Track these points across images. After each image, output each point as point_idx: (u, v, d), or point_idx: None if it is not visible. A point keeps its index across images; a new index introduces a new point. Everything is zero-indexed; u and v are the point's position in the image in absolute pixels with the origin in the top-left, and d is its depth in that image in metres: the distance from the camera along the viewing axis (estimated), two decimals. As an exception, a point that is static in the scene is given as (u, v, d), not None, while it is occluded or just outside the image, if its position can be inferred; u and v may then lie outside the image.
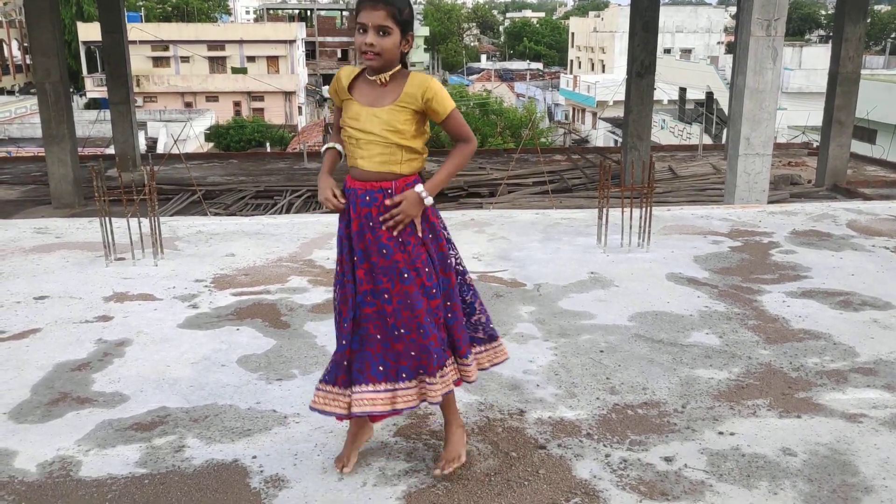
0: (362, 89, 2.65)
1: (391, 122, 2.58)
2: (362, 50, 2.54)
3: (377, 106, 2.60)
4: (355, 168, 2.65)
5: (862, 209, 7.11)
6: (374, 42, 2.52)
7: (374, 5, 2.50)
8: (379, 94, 2.62)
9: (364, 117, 2.60)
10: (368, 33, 2.52)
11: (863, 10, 14.72)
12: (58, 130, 13.73)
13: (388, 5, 2.50)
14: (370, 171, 2.62)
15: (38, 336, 4.17)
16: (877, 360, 3.82)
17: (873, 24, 65.62)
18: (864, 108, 20.09)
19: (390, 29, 2.52)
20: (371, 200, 2.62)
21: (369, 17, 2.51)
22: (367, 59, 2.55)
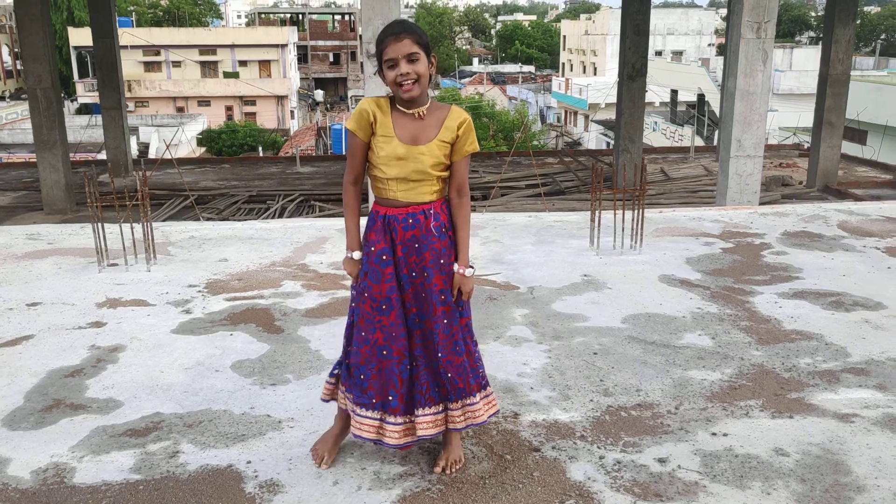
0: (403, 126, 2.65)
1: (436, 156, 2.64)
2: (398, 82, 2.56)
3: (421, 143, 2.64)
4: (391, 200, 2.68)
5: (853, 210, 7.15)
6: (409, 70, 2.56)
7: (398, 37, 2.55)
8: (419, 129, 2.64)
9: (411, 155, 2.63)
10: (400, 65, 2.55)
11: (852, 12, 14.80)
12: (49, 136, 13.70)
13: (411, 33, 2.56)
14: (410, 202, 2.67)
15: (31, 343, 4.16)
16: (868, 360, 3.84)
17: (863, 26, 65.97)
18: (855, 110, 20.20)
19: (418, 55, 2.57)
20: (414, 223, 2.67)
21: (397, 50, 2.55)
22: (405, 90, 2.57)
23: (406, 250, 2.68)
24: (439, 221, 2.70)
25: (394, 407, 2.73)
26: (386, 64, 2.58)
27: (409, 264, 2.69)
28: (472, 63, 76.81)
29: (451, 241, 2.74)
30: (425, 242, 2.68)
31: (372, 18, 8.85)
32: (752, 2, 9.35)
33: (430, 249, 2.68)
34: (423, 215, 2.68)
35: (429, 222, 2.68)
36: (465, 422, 2.79)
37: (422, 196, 2.67)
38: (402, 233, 2.67)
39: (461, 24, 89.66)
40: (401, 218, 2.67)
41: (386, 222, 2.69)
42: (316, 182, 16.12)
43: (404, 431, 2.76)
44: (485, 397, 2.82)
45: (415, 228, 2.67)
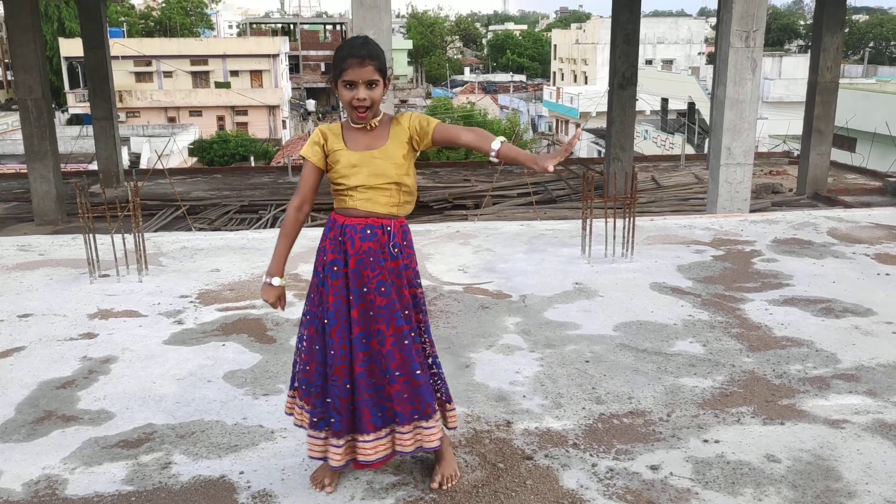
0: (354, 138, 2.67)
1: (392, 156, 2.63)
2: (354, 105, 2.59)
3: (375, 148, 2.65)
4: (350, 209, 2.65)
5: (842, 217, 7.19)
6: (366, 96, 2.58)
7: (362, 62, 2.55)
8: (371, 139, 2.66)
9: (364, 160, 2.63)
10: (359, 89, 2.57)
11: (840, 21, 14.93)
12: (40, 147, 13.67)
13: (375, 59, 2.57)
14: (369, 212, 2.64)
15: (23, 354, 4.15)
16: (858, 366, 3.86)
17: (851, 34, 66.45)
18: (844, 117, 20.33)
19: (377, 81, 2.59)
20: (371, 235, 2.62)
21: (359, 74, 2.56)
22: (359, 113, 2.60)
23: (360, 262, 2.61)
24: (394, 241, 2.65)
25: (336, 429, 2.66)
26: (343, 84, 2.59)
27: (361, 278, 2.61)
28: (463, 72, 77.02)
29: (404, 265, 2.67)
30: (381, 256, 2.62)
31: (363, 29, 8.88)
32: (740, 11, 9.44)
33: (384, 266, 2.63)
34: (381, 230, 2.63)
35: (385, 238, 2.63)
36: (415, 444, 2.71)
37: (381, 207, 2.63)
38: (359, 243, 2.61)
39: (452, 33, 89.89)
40: (358, 228, 2.62)
41: (342, 232, 2.64)
42: (308, 192, 16.08)
43: (345, 452, 2.68)
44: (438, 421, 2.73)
45: (371, 241, 2.62)
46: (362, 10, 8.88)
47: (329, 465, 2.74)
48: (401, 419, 2.67)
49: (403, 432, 2.69)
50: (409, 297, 2.69)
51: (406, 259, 2.70)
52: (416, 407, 2.67)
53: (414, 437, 2.70)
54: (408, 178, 2.67)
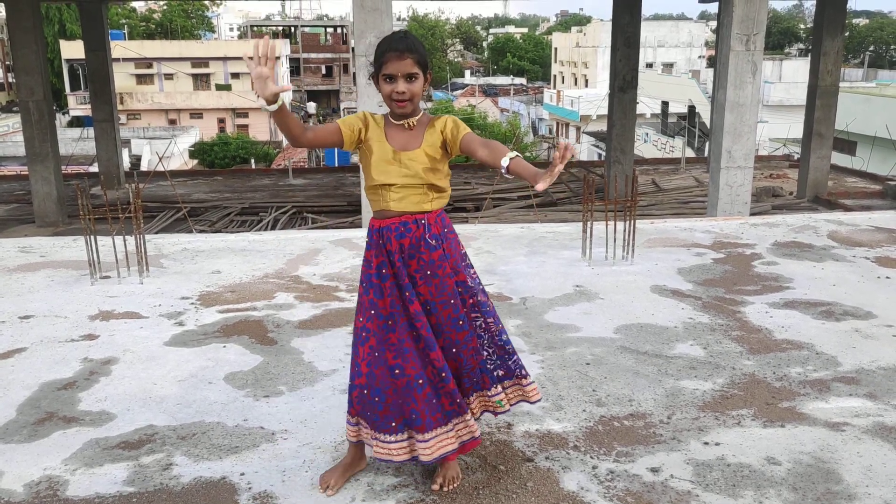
0: (393, 135, 2.70)
1: (426, 161, 2.66)
2: (394, 98, 2.62)
3: (410, 149, 2.67)
4: (385, 210, 2.70)
5: (843, 220, 7.20)
6: (406, 89, 2.60)
7: (401, 55, 2.58)
8: (408, 139, 2.69)
9: (398, 159, 2.66)
10: (398, 82, 2.60)
11: (840, 24, 14.95)
12: (41, 148, 13.69)
13: (414, 53, 2.60)
14: (402, 211, 2.68)
15: (24, 355, 4.15)
16: (859, 369, 3.86)
17: (851, 38, 66.52)
18: (844, 121, 20.35)
19: (417, 75, 2.62)
20: (405, 231, 2.67)
21: (398, 67, 2.59)
22: (399, 106, 2.63)
23: (402, 259, 2.68)
24: (431, 233, 2.70)
25: (418, 425, 2.67)
26: (384, 77, 2.62)
27: (409, 274, 2.68)
28: (464, 75, 77.08)
29: (444, 254, 2.72)
30: (413, 252, 2.67)
31: (365, 32, 8.90)
32: (741, 14, 9.45)
33: (418, 259, 2.68)
34: (416, 224, 2.68)
35: (421, 231, 2.68)
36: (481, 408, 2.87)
37: (414, 205, 2.68)
38: (396, 241, 2.67)
39: (453, 36, 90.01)
40: (393, 227, 2.68)
41: (381, 235, 2.69)
42: (308, 194, 16.13)
43: (437, 444, 2.70)
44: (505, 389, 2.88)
45: (405, 237, 2.67)
46: (363, 13, 8.90)
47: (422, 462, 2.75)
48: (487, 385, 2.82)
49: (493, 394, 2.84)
50: (453, 284, 2.72)
51: (448, 248, 2.74)
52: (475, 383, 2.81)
53: (507, 394, 2.87)
54: (439, 180, 2.71)
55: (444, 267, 2.71)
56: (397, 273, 2.68)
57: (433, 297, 2.70)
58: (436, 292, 2.70)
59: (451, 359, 2.74)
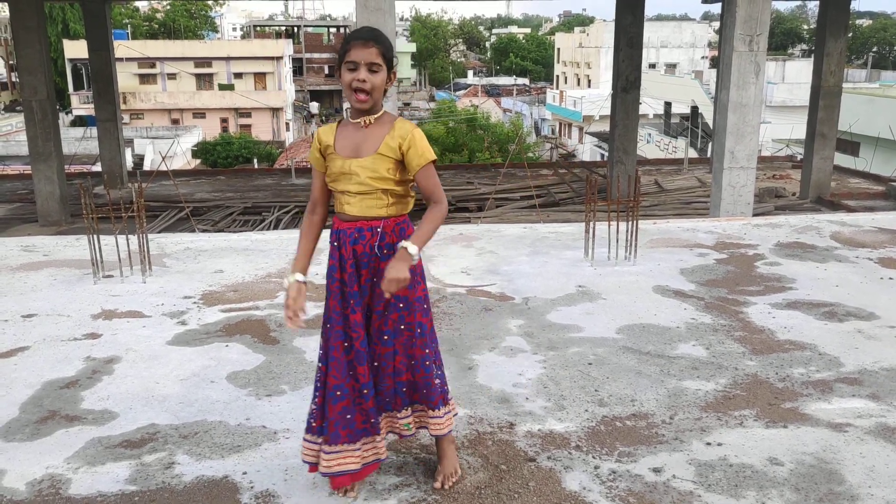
0: (345, 138, 2.65)
1: (376, 169, 2.59)
2: (353, 87, 2.56)
3: (361, 156, 2.61)
4: (343, 213, 2.67)
5: (845, 221, 7.19)
6: (366, 78, 2.55)
7: (366, 43, 2.54)
8: (361, 141, 2.62)
9: (348, 168, 2.61)
10: (360, 70, 2.55)
11: (844, 25, 14.93)
12: (44, 148, 13.71)
13: (379, 43, 2.56)
14: (358, 216, 2.63)
15: (27, 354, 4.16)
16: (861, 369, 3.86)
17: (855, 39, 66.43)
18: (847, 121, 20.32)
19: (380, 66, 2.56)
20: (359, 237, 2.63)
21: (361, 55, 2.54)
22: (357, 96, 2.57)
23: (354, 266, 2.63)
24: (385, 241, 2.62)
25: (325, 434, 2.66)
26: (346, 65, 2.57)
27: (356, 281, 2.63)
28: (466, 75, 77.13)
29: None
30: (365, 260, 2.63)
31: (367, 31, 8.89)
32: (744, 15, 9.44)
33: (369, 268, 2.63)
34: (371, 231, 2.62)
35: (373, 240, 2.62)
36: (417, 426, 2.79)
37: (371, 210, 2.62)
38: (350, 247, 2.63)
39: (456, 36, 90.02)
40: (349, 232, 2.63)
41: (338, 237, 2.66)
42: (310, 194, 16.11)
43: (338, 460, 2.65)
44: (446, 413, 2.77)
45: (359, 244, 2.62)
46: (366, 13, 8.90)
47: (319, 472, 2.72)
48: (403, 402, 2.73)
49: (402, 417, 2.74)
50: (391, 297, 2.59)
51: None
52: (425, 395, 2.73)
53: (415, 418, 2.77)
54: (394, 185, 2.62)
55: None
56: (347, 280, 2.63)
57: (379, 306, 2.65)
58: (380, 300, 2.64)
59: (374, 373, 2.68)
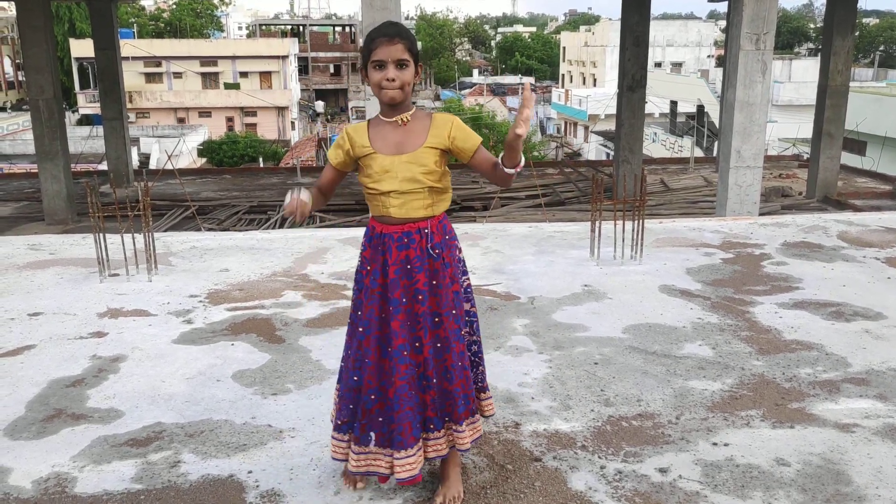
0: (383, 138, 2.58)
1: (425, 163, 2.54)
2: (382, 86, 2.50)
3: (406, 151, 2.55)
4: (385, 216, 2.59)
5: (852, 220, 7.16)
6: (396, 76, 2.49)
7: (391, 40, 2.48)
8: (403, 137, 2.57)
9: (395, 166, 2.54)
10: (388, 68, 2.49)
11: (851, 24, 14.88)
12: (51, 147, 13.76)
13: (404, 38, 2.50)
14: (405, 218, 2.57)
15: (33, 352, 4.17)
16: (869, 370, 3.84)
17: (862, 37, 66.20)
18: (854, 121, 20.25)
19: (408, 62, 2.50)
20: (409, 242, 2.56)
21: (388, 53, 2.48)
22: (388, 94, 2.51)
23: (399, 272, 2.56)
24: (434, 242, 2.60)
25: (356, 434, 2.62)
26: (373, 64, 2.51)
27: (400, 287, 2.56)
28: (472, 74, 77.04)
29: (444, 263, 2.61)
30: (418, 263, 2.57)
31: (373, 30, 8.89)
32: (750, 13, 9.41)
33: (424, 271, 2.57)
34: (419, 234, 2.58)
35: (423, 242, 2.58)
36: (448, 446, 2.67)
37: (416, 211, 2.56)
38: (396, 252, 2.56)
39: (461, 35, 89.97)
40: (395, 237, 2.56)
41: (381, 241, 2.59)
42: (316, 193, 16.12)
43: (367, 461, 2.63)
44: (471, 424, 2.70)
45: (409, 248, 2.56)
46: (372, 12, 8.90)
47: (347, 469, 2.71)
48: (435, 425, 2.63)
49: (438, 437, 2.64)
50: (452, 294, 2.61)
51: (448, 256, 2.63)
52: (445, 410, 2.64)
53: (447, 439, 2.66)
54: (441, 182, 2.59)
55: (445, 276, 2.61)
56: (387, 284, 2.59)
57: (440, 307, 2.59)
58: (442, 301, 2.59)
59: (444, 379, 2.61)
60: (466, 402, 2.65)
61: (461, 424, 2.64)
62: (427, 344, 2.58)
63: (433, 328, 2.60)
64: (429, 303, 2.58)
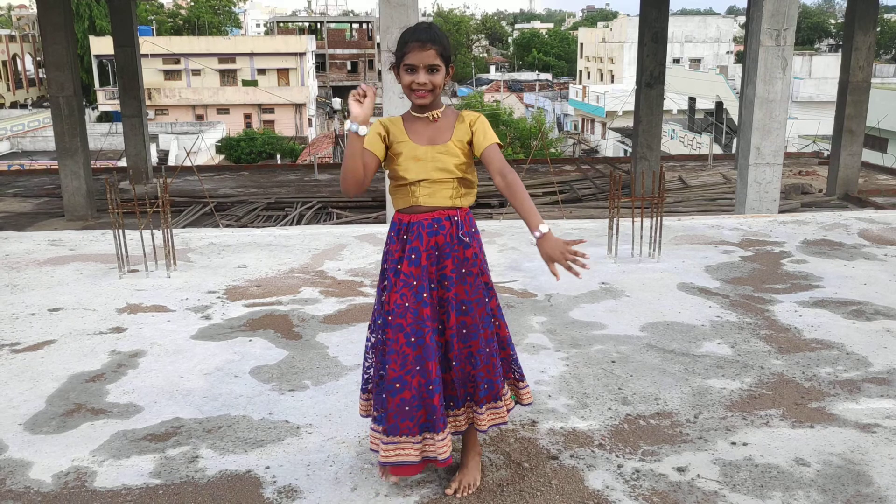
0: (416, 131, 2.66)
1: (457, 155, 2.63)
2: (413, 88, 2.58)
3: (438, 143, 2.64)
4: (413, 206, 2.65)
5: (874, 218, 7.08)
6: (427, 80, 2.56)
7: (423, 45, 2.54)
8: (434, 132, 2.65)
9: (428, 154, 2.62)
10: (419, 73, 2.56)
11: (873, 19, 14.71)
12: (71, 143, 13.87)
13: (437, 44, 2.56)
14: (434, 206, 2.63)
15: (53, 347, 4.21)
16: (890, 369, 3.80)
17: (883, 33, 65.45)
18: (875, 117, 20.02)
19: (439, 66, 2.58)
20: (439, 228, 2.62)
21: (419, 58, 2.55)
22: (418, 96, 2.59)
23: (429, 258, 2.62)
24: (464, 230, 2.66)
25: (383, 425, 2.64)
26: (405, 67, 2.58)
27: (430, 273, 2.62)
28: (489, 71, 76.90)
29: (474, 253, 2.67)
30: (447, 250, 2.63)
31: (390, 27, 8.90)
32: (771, 9, 9.32)
33: (452, 258, 2.63)
34: (449, 221, 2.64)
35: (454, 229, 2.64)
36: (489, 422, 2.74)
37: (444, 200, 2.63)
38: (427, 238, 2.61)
39: (478, 32, 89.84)
40: (426, 224, 2.62)
41: (408, 230, 2.63)
42: (333, 189, 16.19)
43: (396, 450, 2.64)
44: (492, 409, 2.73)
45: (439, 234, 2.62)
46: (389, 9, 8.89)
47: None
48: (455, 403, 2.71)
49: (457, 414, 2.72)
50: (482, 283, 2.68)
51: (477, 247, 2.70)
52: (468, 390, 2.70)
53: (466, 416, 2.74)
54: (470, 173, 2.68)
55: (476, 265, 2.67)
56: (415, 273, 2.60)
57: (469, 296, 2.65)
58: (471, 291, 2.65)
59: (469, 364, 2.67)
60: (490, 387, 2.71)
61: (481, 407, 2.71)
62: (451, 328, 2.64)
63: (459, 315, 2.65)
64: (455, 289, 2.64)
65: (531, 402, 2.94)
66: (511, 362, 2.86)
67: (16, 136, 32.52)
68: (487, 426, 2.73)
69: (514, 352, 2.87)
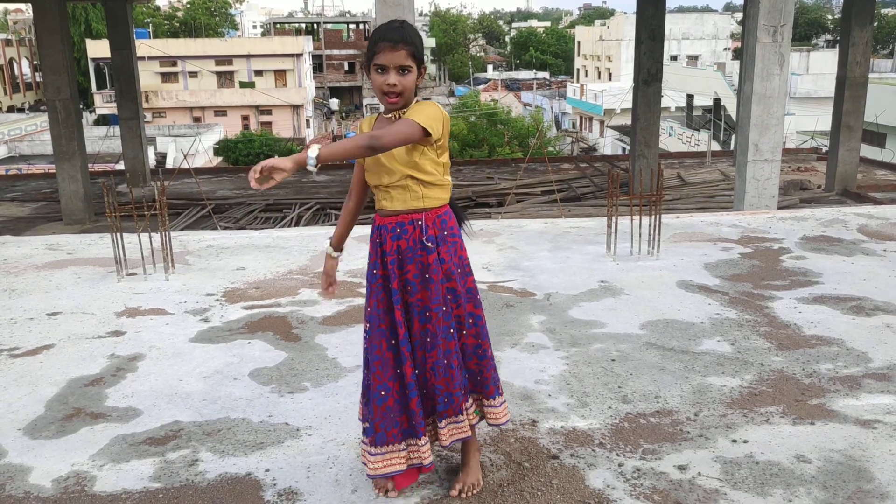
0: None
1: (408, 156, 2.53)
2: (384, 90, 2.51)
3: None
4: (381, 209, 2.62)
5: (872, 214, 7.08)
6: (397, 82, 2.49)
7: (394, 46, 2.47)
8: None
9: (379, 160, 2.55)
10: (390, 73, 2.49)
11: (869, 15, 14.71)
12: (68, 147, 13.85)
13: (408, 45, 2.49)
14: (398, 210, 2.58)
15: (52, 352, 4.20)
16: (890, 365, 3.79)
17: (880, 28, 65.48)
18: (873, 113, 20.03)
19: (410, 67, 2.51)
20: (402, 233, 2.57)
21: (390, 59, 2.48)
22: (389, 99, 2.52)
23: (393, 262, 2.57)
24: (427, 235, 2.57)
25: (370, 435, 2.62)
26: (375, 67, 2.51)
27: (396, 277, 2.58)
28: (486, 70, 76.93)
29: (439, 258, 2.59)
30: (409, 255, 2.56)
31: (387, 27, 8.88)
32: (768, 5, 9.32)
33: (415, 262, 2.57)
34: (412, 225, 2.57)
35: (417, 233, 2.56)
36: (451, 438, 2.66)
37: (408, 203, 2.56)
38: (391, 243, 2.58)
39: (475, 31, 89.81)
40: (389, 227, 2.58)
41: (379, 233, 2.61)
42: (332, 190, 16.18)
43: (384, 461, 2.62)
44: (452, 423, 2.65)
45: (402, 239, 2.57)
46: (385, 9, 8.89)
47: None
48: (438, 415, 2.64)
49: (440, 427, 2.65)
50: (444, 290, 2.59)
51: (444, 251, 2.60)
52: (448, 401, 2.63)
53: (449, 431, 2.65)
54: (426, 175, 2.55)
55: (438, 272, 2.58)
56: (388, 275, 2.58)
57: (429, 302, 2.58)
58: (431, 297, 2.57)
59: (428, 374, 2.60)
60: (450, 400, 2.63)
61: (441, 422, 2.65)
62: (415, 335, 2.61)
63: (423, 322, 2.60)
64: (419, 295, 2.59)
65: (502, 423, 2.78)
66: (479, 375, 2.72)
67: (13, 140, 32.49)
68: (449, 441, 2.66)
69: (488, 364, 2.72)
